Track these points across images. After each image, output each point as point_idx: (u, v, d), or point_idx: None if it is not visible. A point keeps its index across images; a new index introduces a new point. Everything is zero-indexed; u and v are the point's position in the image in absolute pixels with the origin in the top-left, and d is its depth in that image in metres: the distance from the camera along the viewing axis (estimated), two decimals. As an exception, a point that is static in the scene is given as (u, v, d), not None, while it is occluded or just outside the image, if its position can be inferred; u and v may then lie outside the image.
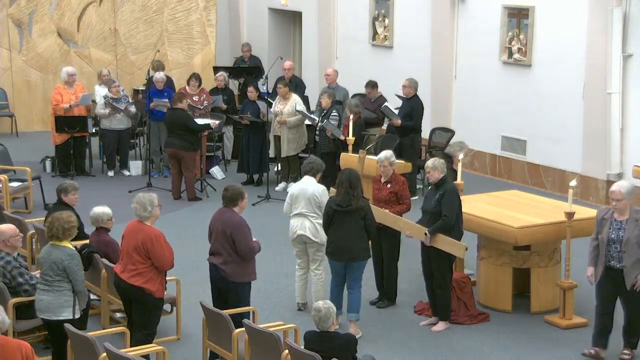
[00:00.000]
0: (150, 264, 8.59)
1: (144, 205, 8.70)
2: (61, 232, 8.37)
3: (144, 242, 8.55)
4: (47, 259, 8.39)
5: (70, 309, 8.39)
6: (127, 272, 8.64)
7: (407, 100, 14.96)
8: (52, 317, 8.40)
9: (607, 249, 8.95)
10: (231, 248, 9.00)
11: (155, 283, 8.63)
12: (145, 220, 8.71)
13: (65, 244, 8.42)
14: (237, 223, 9.02)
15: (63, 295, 8.36)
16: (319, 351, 7.43)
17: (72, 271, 8.32)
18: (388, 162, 10.54)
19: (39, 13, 19.73)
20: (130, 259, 8.63)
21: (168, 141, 15.01)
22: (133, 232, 8.69)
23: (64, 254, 8.34)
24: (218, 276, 9.10)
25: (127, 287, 8.66)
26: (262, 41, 21.63)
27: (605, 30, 14.23)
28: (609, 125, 14.38)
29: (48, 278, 8.38)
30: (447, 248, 9.76)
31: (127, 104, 16.25)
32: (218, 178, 16.33)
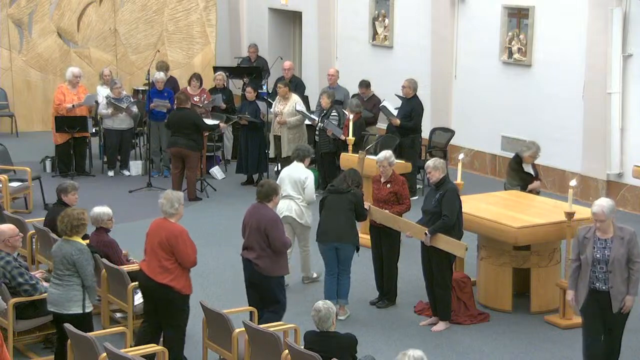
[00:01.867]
0: (174, 260, 8.64)
1: (172, 202, 8.75)
2: (69, 229, 8.43)
3: (168, 238, 8.61)
4: (58, 253, 8.45)
5: (80, 303, 8.43)
6: (153, 270, 8.68)
7: (407, 101, 14.97)
8: (61, 311, 8.43)
9: (591, 269, 8.33)
10: (264, 243, 9.13)
11: (181, 280, 8.67)
12: (171, 217, 8.76)
13: (76, 238, 8.47)
14: (272, 218, 9.20)
15: (72, 290, 8.40)
16: (319, 351, 7.43)
17: (82, 266, 8.36)
18: (387, 162, 10.54)
19: (39, 13, 19.73)
20: (155, 256, 8.68)
21: (172, 141, 14.95)
22: (158, 229, 8.76)
23: (74, 249, 8.39)
24: (251, 271, 9.22)
25: (153, 285, 8.68)
26: (262, 41, 21.62)
27: (605, 30, 14.24)
28: (609, 125, 14.38)
29: (59, 272, 8.44)
30: (448, 248, 9.76)
31: (129, 103, 16.26)
32: (218, 178, 16.33)
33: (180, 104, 15.03)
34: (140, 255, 11.12)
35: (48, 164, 16.48)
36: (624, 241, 8.29)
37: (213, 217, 14.04)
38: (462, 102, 17.03)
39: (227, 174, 16.61)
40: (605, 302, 8.34)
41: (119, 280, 9.53)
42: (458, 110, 17.10)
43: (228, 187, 15.90)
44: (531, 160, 11.61)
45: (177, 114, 14.97)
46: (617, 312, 8.34)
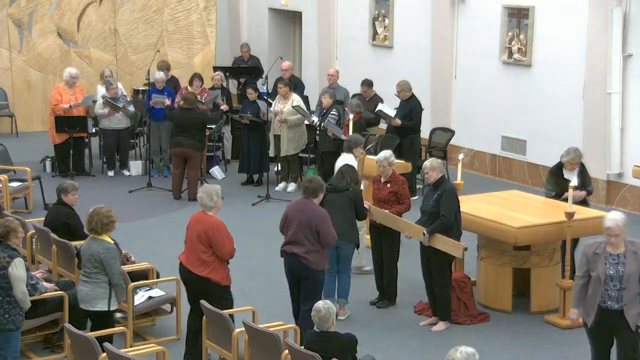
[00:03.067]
0: (212, 252, 8.79)
1: (210, 195, 8.91)
2: (99, 227, 8.54)
3: (206, 231, 8.77)
4: (86, 251, 8.58)
5: (105, 300, 8.53)
6: (192, 262, 8.83)
7: (405, 102, 14.97)
8: (88, 308, 8.58)
9: (604, 287, 7.87)
10: (314, 238, 9.21)
11: (219, 272, 8.83)
12: (209, 210, 8.92)
13: (104, 237, 8.58)
14: (323, 214, 9.32)
15: (99, 287, 8.51)
16: (318, 351, 7.43)
17: (109, 264, 8.47)
18: (387, 162, 10.54)
19: (39, 13, 19.73)
20: (193, 249, 8.83)
21: (177, 140, 14.93)
22: (196, 222, 8.93)
23: (101, 247, 8.49)
24: (297, 265, 9.28)
25: (192, 277, 8.84)
26: (262, 41, 21.63)
27: (605, 30, 14.24)
28: (609, 125, 14.38)
29: (87, 270, 8.57)
30: (446, 248, 9.76)
31: (125, 102, 16.25)
32: (218, 178, 16.33)
33: (189, 104, 15.01)
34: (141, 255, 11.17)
35: (48, 164, 16.48)
36: (637, 255, 7.86)
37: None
38: (462, 102, 17.03)
39: (227, 174, 16.61)
40: (617, 322, 7.90)
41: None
42: (458, 110, 17.10)
43: (228, 187, 15.88)
44: (571, 166, 10.93)
45: (185, 114, 14.95)
46: (632, 330, 7.89)
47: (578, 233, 10.25)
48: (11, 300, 8.20)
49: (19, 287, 8.18)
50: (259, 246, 12.53)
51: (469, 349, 6.35)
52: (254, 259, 12.17)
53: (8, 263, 8.15)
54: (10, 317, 8.22)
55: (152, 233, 13.20)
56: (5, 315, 8.20)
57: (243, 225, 13.73)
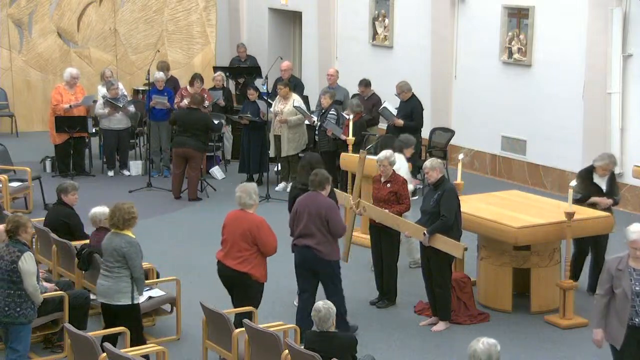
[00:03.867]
0: (255, 250, 8.94)
1: (249, 194, 9.04)
2: (121, 223, 8.64)
3: (250, 228, 8.91)
4: (108, 246, 8.65)
5: (129, 294, 8.59)
6: (232, 259, 8.96)
7: (405, 102, 14.97)
8: (111, 302, 8.62)
9: (631, 304, 7.50)
10: (325, 228, 9.36)
11: (260, 268, 9.01)
12: (249, 208, 9.05)
13: (126, 232, 8.67)
14: (331, 204, 9.47)
15: (121, 282, 8.57)
16: (319, 351, 7.43)
17: (131, 258, 8.54)
18: (388, 161, 10.54)
19: (39, 13, 19.73)
20: (235, 246, 8.95)
21: (180, 141, 14.91)
22: (237, 220, 9.04)
23: (123, 241, 8.57)
24: (311, 257, 9.42)
25: (233, 274, 8.97)
26: (262, 41, 21.63)
27: (605, 30, 14.24)
28: (609, 125, 14.38)
29: (108, 264, 8.62)
30: (446, 248, 9.75)
31: (125, 102, 16.25)
32: (218, 178, 16.33)
33: (195, 104, 15.01)
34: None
35: (48, 164, 16.48)
36: None
37: (213, 217, 14.03)
38: (462, 102, 17.03)
39: (227, 174, 16.61)
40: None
41: (119, 280, 9.52)
42: (458, 110, 17.10)
43: (228, 187, 15.88)
44: (602, 172, 10.65)
45: (190, 114, 14.94)
46: None
47: (578, 233, 10.25)
48: (22, 294, 8.30)
49: (29, 281, 8.28)
50: (259, 246, 12.52)
51: (491, 340, 6.39)
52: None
53: (18, 257, 8.25)
54: (21, 310, 8.31)
55: (152, 233, 13.19)
56: (17, 308, 8.30)
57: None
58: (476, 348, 6.31)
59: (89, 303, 9.54)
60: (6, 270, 8.29)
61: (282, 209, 14.40)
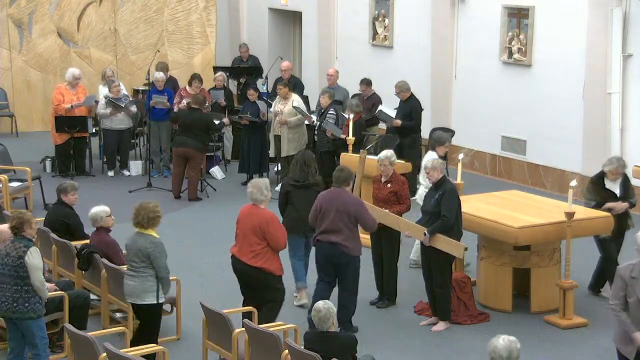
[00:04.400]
0: (266, 244, 9.07)
1: (261, 189, 9.17)
2: (146, 221, 8.71)
3: (260, 223, 9.04)
4: (132, 246, 8.75)
5: (154, 294, 8.70)
6: (245, 254, 9.10)
7: (405, 102, 14.97)
8: (137, 301, 8.75)
9: None
10: (352, 225, 9.58)
11: (272, 262, 9.12)
12: (260, 204, 9.18)
13: (150, 232, 8.74)
14: (358, 201, 9.79)
15: (147, 281, 8.68)
16: (318, 351, 7.43)
17: (156, 258, 8.66)
18: (388, 161, 10.54)
19: (39, 13, 19.73)
20: (247, 241, 9.09)
21: (180, 140, 14.91)
22: (248, 215, 9.17)
23: (148, 242, 8.66)
24: (338, 253, 9.55)
25: (247, 269, 9.10)
26: (262, 41, 21.63)
27: (605, 30, 14.24)
28: (609, 125, 14.38)
29: (134, 264, 8.74)
30: (447, 248, 9.75)
31: (127, 103, 16.25)
32: (218, 178, 16.33)
33: (198, 104, 15.00)
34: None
35: (48, 164, 16.48)
36: None
37: (213, 217, 14.04)
38: (462, 102, 17.03)
39: (227, 174, 16.61)
40: None
41: (119, 280, 9.51)
42: (458, 110, 17.10)
43: (228, 187, 15.90)
44: (613, 176, 10.43)
45: (191, 114, 14.93)
46: None
47: (578, 233, 10.24)
48: (29, 289, 8.36)
49: (35, 275, 8.34)
50: (259, 246, 12.52)
51: (511, 337, 6.39)
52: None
53: (24, 252, 8.31)
54: (29, 305, 8.38)
55: (152, 233, 13.18)
56: (25, 304, 8.36)
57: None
58: (496, 344, 6.32)
59: (89, 303, 9.54)
60: (13, 267, 8.34)
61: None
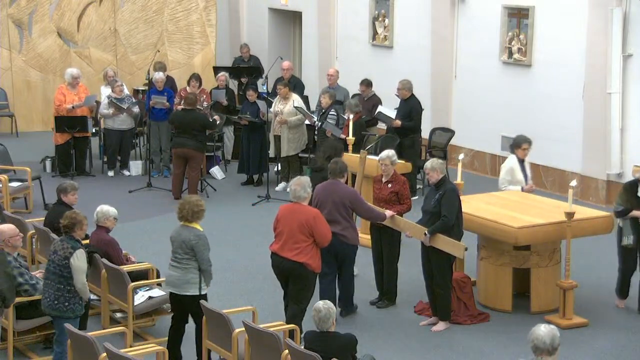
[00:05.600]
0: (312, 241, 9.21)
1: (304, 187, 9.32)
2: (190, 215, 8.87)
3: (307, 220, 9.18)
4: (177, 238, 8.91)
5: (197, 285, 8.82)
6: (289, 251, 9.21)
7: (405, 101, 14.97)
8: (180, 292, 8.85)
9: None
10: (348, 215, 9.91)
11: (316, 259, 9.29)
12: (303, 201, 9.33)
13: (194, 225, 8.89)
14: (354, 192, 10.08)
15: (190, 273, 8.81)
16: (319, 351, 7.43)
17: (199, 251, 8.79)
18: (389, 160, 10.54)
19: (39, 13, 19.73)
20: (292, 238, 9.20)
21: (178, 141, 14.91)
22: (294, 212, 9.30)
23: (192, 234, 8.81)
24: (338, 243, 9.77)
25: (290, 265, 9.21)
26: (262, 41, 21.63)
27: (605, 30, 14.24)
28: (609, 125, 14.38)
29: (177, 256, 8.88)
30: (447, 248, 9.76)
31: (130, 104, 16.25)
32: (218, 178, 16.34)
33: (190, 104, 15.01)
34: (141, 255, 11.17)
35: (48, 164, 16.48)
36: None
37: (213, 217, 14.01)
38: (462, 102, 17.02)
39: (227, 174, 16.61)
40: None
41: (119, 280, 9.53)
42: (458, 110, 17.10)
43: (228, 187, 15.91)
44: None
45: (187, 114, 14.92)
46: None
47: (578, 233, 10.25)
48: (71, 290, 8.48)
49: (79, 278, 8.46)
50: (259, 246, 12.52)
51: (551, 325, 6.50)
52: (254, 259, 12.17)
53: (70, 254, 8.45)
54: (69, 305, 8.50)
55: (152, 233, 13.19)
56: (65, 303, 8.48)
57: (243, 225, 13.74)
58: (539, 332, 6.40)
59: (89, 303, 9.53)
60: (58, 265, 8.49)
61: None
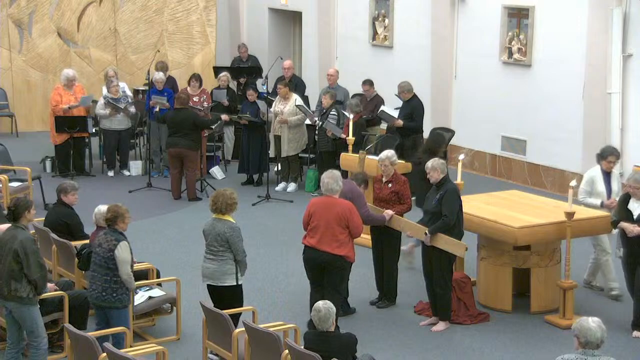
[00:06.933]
0: (347, 232, 9.39)
1: (336, 180, 9.48)
2: (224, 207, 9.11)
3: (344, 213, 9.36)
4: (211, 231, 9.14)
5: (233, 276, 9.07)
6: (328, 244, 9.36)
7: (407, 102, 14.97)
8: (217, 284, 9.10)
9: None
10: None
11: (351, 249, 9.51)
12: (335, 194, 9.49)
13: (227, 217, 9.13)
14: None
15: (227, 264, 9.06)
16: (318, 351, 7.43)
17: (234, 242, 9.04)
18: (389, 161, 10.54)
19: (39, 13, 19.73)
20: (330, 231, 9.36)
21: (171, 141, 14.95)
22: (329, 206, 9.43)
23: (226, 227, 9.06)
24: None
25: (331, 258, 9.37)
26: (262, 41, 21.63)
27: (605, 30, 14.24)
28: (609, 125, 14.38)
29: (213, 249, 9.11)
30: (448, 247, 9.76)
31: (127, 103, 16.25)
32: (218, 178, 16.33)
33: (182, 103, 15.02)
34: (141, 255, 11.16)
35: (48, 164, 16.48)
36: None
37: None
38: (462, 102, 17.03)
39: (227, 174, 16.61)
40: None
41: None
42: (458, 110, 17.11)
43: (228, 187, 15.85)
44: (633, 191, 9.88)
45: (179, 114, 14.95)
46: None
47: (578, 233, 10.25)
48: (118, 281, 8.68)
49: (123, 269, 8.64)
50: (259, 246, 12.54)
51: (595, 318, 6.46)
52: (253, 259, 12.16)
53: (115, 246, 8.65)
54: (117, 296, 8.69)
55: (152, 233, 13.20)
56: (113, 294, 8.68)
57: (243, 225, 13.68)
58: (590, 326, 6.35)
59: (88, 303, 9.52)
60: (103, 258, 8.68)
61: (282, 209, 14.45)
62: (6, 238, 8.50)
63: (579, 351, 6.37)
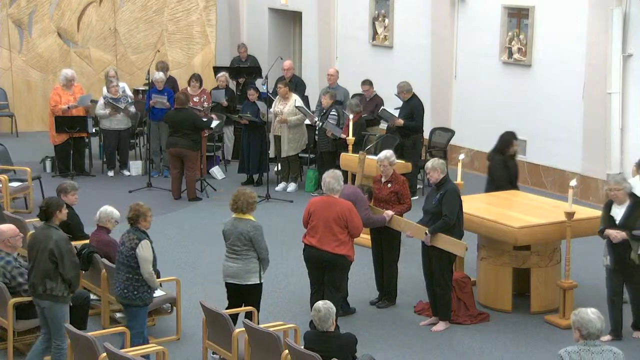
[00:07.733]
0: (347, 232, 9.46)
1: (338, 179, 9.57)
2: (245, 206, 9.18)
3: (343, 212, 9.44)
4: (233, 231, 9.18)
5: (257, 274, 9.17)
6: (329, 244, 9.43)
7: (407, 102, 14.97)
8: (242, 282, 9.15)
9: None
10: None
11: (351, 249, 9.59)
12: (336, 194, 9.57)
13: (248, 216, 9.20)
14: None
15: (250, 263, 9.13)
16: (318, 351, 7.43)
17: (257, 241, 9.12)
18: (388, 161, 10.54)
19: (39, 13, 19.73)
20: (330, 231, 9.44)
21: (171, 141, 14.96)
22: (328, 205, 9.51)
23: (249, 226, 9.12)
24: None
25: (332, 257, 9.44)
26: (262, 41, 21.63)
27: (605, 30, 14.23)
28: (609, 125, 14.38)
29: (236, 248, 9.14)
30: (448, 247, 9.76)
31: (126, 103, 16.25)
32: (218, 178, 16.33)
33: (181, 104, 15.03)
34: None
35: (48, 164, 16.48)
36: None
37: (213, 217, 14.03)
38: (462, 102, 17.02)
39: (227, 174, 16.61)
40: None
41: (119, 280, 9.52)
42: (458, 110, 17.10)
43: (228, 187, 15.89)
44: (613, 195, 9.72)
45: (178, 114, 14.96)
46: None
47: (578, 233, 10.25)
48: (139, 279, 8.76)
49: (145, 267, 8.72)
50: (259, 246, 12.53)
51: (592, 309, 6.58)
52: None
53: (136, 244, 8.73)
54: (138, 294, 8.76)
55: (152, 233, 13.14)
56: (134, 292, 8.76)
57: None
58: (590, 318, 6.48)
59: (89, 303, 9.54)
60: (126, 256, 8.77)
61: (282, 209, 14.45)
62: (40, 238, 8.57)
63: (581, 343, 6.41)
